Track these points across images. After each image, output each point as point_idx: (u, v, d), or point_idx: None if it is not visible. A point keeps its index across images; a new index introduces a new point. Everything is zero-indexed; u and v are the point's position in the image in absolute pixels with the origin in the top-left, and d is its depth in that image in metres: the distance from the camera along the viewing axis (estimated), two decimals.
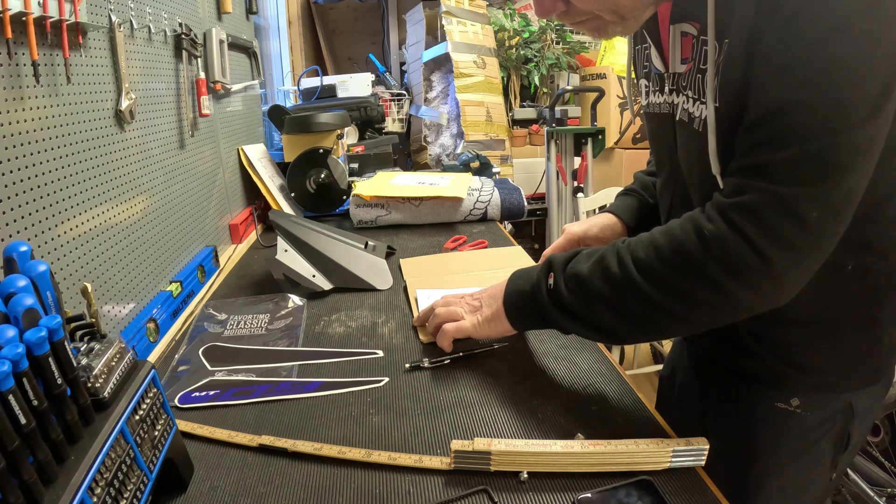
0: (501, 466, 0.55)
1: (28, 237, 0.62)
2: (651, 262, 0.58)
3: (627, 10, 0.57)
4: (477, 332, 0.75)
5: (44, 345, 0.38)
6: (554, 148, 2.52)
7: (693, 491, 0.53)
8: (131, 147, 0.87)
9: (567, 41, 2.99)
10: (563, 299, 0.64)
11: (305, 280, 1.01)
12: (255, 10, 1.65)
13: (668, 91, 0.67)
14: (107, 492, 0.41)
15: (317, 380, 0.73)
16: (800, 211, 0.50)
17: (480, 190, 1.51)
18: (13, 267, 0.43)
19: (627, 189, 0.96)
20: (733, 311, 0.57)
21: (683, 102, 0.64)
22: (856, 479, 1.49)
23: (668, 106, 0.68)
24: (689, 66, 0.62)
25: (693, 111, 0.62)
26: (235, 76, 1.42)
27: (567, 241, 0.94)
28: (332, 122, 1.56)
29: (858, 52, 0.47)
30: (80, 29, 0.72)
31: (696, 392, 0.80)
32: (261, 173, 1.49)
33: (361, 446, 0.59)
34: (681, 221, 0.58)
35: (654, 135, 0.75)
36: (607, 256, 0.61)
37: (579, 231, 0.93)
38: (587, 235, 0.93)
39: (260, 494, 0.54)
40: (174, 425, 0.54)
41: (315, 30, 2.89)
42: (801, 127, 0.49)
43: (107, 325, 0.78)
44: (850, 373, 0.67)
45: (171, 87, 1.04)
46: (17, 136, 0.61)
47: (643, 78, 0.74)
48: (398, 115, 2.44)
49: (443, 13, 2.47)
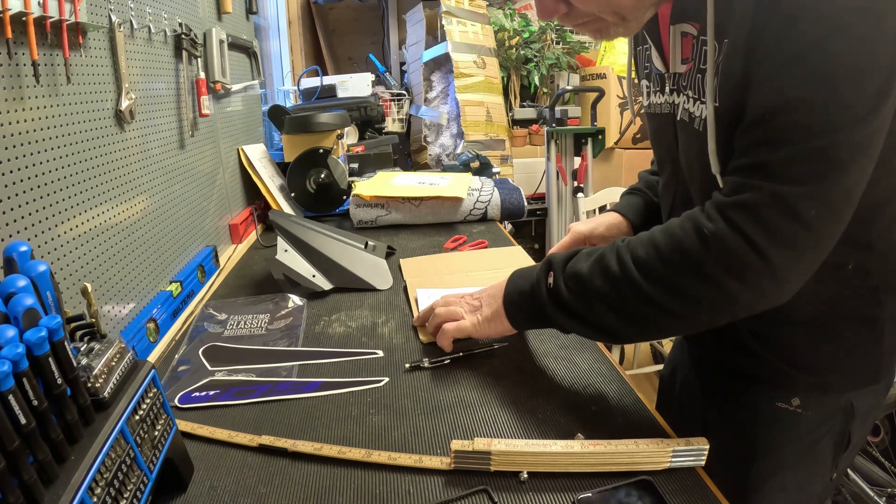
0: (501, 466, 0.55)
1: (28, 237, 0.62)
2: (650, 261, 0.58)
3: (628, 11, 0.57)
4: (477, 332, 0.75)
5: (44, 345, 0.38)
6: (554, 148, 2.52)
7: (693, 491, 0.53)
8: (131, 147, 0.87)
9: (567, 41, 2.99)
10: (562, 298, 0.64)
11: (305, 280, 1.01)
12: (255, 10, 1.65)
13: (669, 91, 0.67)
14: (107, 492, 0.41)
15: (317, 380, 0.73)
16: (798, 209, 0.50)
17: (480, 190, 1.51)
18: (13, 267, 0.43)
19: (633, 188, 0.96)
20: (732, 309, 0.57)
21: (684, 102, 0.64)
22: (856, 479, 1.49)
23: (668, 106, 0.68)
24: (689, 66, 0.62)
25: (693, 111, 0.62)
26: (235, 76, 1.42)
27: (573, 240, 0.93)
28: (332, 122, 1.56)
29: (857, 51, 0.47)
30: (80, 29, 0.72)
31: (697, 392, 0.80)
32: (261, 173, 1.49)
33: (361, 446, 0.59)
34: (680, 220, 0.59)
35: (655, 135, 0.75)
36: (607, 255, 0.61)
37: (585, 230, 0.93)
38: (593, 234, 0.93)
39: (260, 494, 0.54)
40: (174, 425, 0.54)
41: (315, 30, 2.89)
42: (800, 125, 0.49)
43: (107, 325, 0.78)
44: (851, 373, 0.67)
45: (171, 87, 1.04)
46: (17, 136, 0.61)
47: (644, 79, 0.74)
48: (398, 115, 2.44)
49: (443, 13, 2.47)
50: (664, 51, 0.65)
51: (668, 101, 0.68)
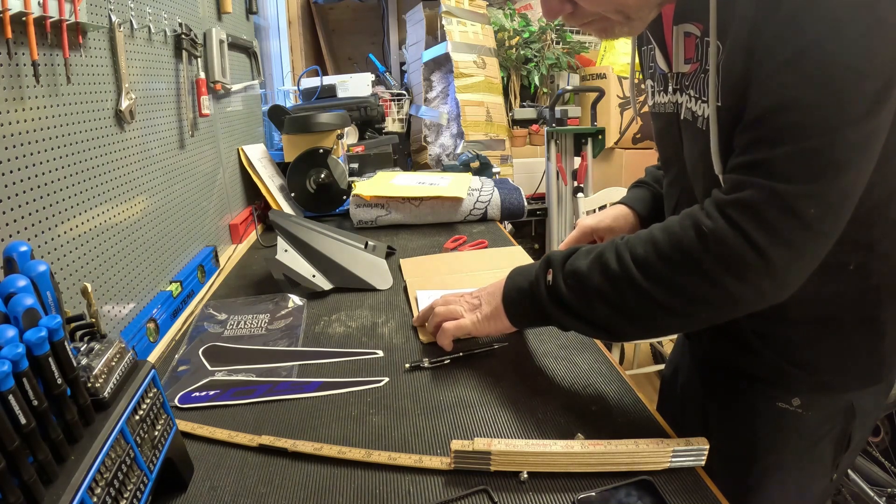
0: (501, 466, 0.55)
1: (28, 237, 0.62)
2: (650, 259, 0.58)
3: (633, 11, 0.57)
4: (477, 330, 0.75)
5: (44, 345, 0.38)
6: (554, 148, 2.52)
7: (693, 491, 0.53)
8: (131, 147, 0.87)
9: (567, 41, 2.99)
10: (561, 296, 0.64)
11: (305, 280, 1.01)
12: (255, 10, 1.65)
13: (672, 91, 0.67)
14: (107, 492, 0.41)
15: (317, 380, 0.73)
16: (797, 208, 0.50)
17: (480, 190, 1.51)
18: (13, 267, 0.43)
19: (639, 181, 0.96)
20: (731, 307, 0.57)
21: (687, 102, 0.64)
22: (856, 479, 1.49)
23: (672, 106, 0.68)
24: (693, 66, 0.62)
25: (696, 110, 0.62)
26: (235, 76, 1.42)
27: (581, 234, 0.94)
28: (332, 122, 1.56)
29: (858, 51, 0.47)
30: (80, 29, 0.72)
31: (699, 391, 0.80)
32: (261, 173, 1.49)
33: (361, 446, 0.59)
34: (679, 218, 0.59)
35: (660, 134, 0.75)
36: (606, 253, 0.61)
37: (592, 223, 0.93)
38: (599, 226, 0.93)
39: (260, 494, 0.54)
40: (174, 425, 0.54)
41: (315, 30, 2.89)
42: (799, 124, 0.49)
43: (107, 325, 0.78)
44: (852, 373, 0.67)
45: (171, 87, 1.04)
46: (17, 136, 0.61)
47: (649, 78, 0.74)
48: (398, 115, 2.44)
49: (443, 13, 2.47)
50: (668, 51, 0.66)
51: (671, 101, 0.68)
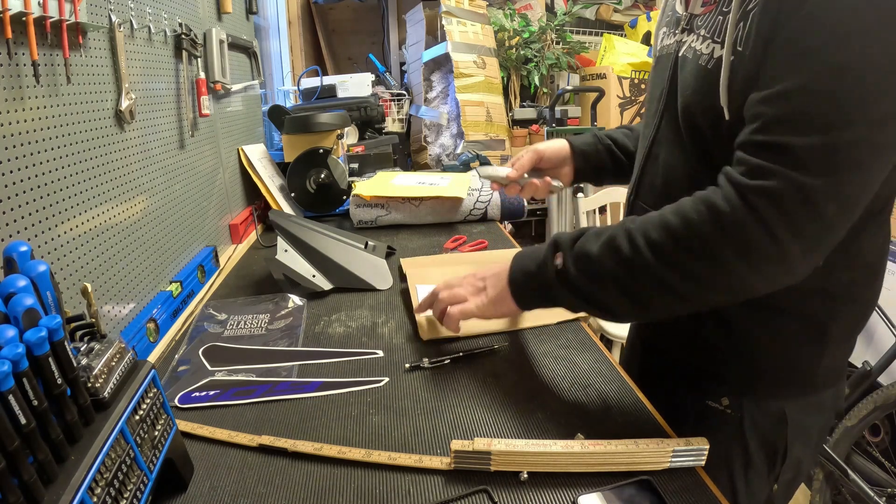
0: (501, 466, 0.55)
1: (28, 237, 0.62)
2: (665, 244, 0.57)
3: None
4: (482, 314, 0.73)
5: (44, 345, 0.38)
6: None
7: (693, 491, 0.53)
8: (131, 147, 0.87)
9: (567, 41, 2.99)
10: (571, 279, 0.63)
11: (305, 280, 1.01)
12: (255, 10, 1.65)
13: (681, 31, 0.68)
14: (107, 492, 0.41)
15: (317, 380, 0.73)
16: (819, 203, 0.51)
17: (480, 190, 1.51)
18: (13, 267, 0.43)
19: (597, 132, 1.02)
20: (739, 292, 0.57)
21: (693, 41, 0.65)
22: (856, 479, 1.49)
23: (675, 45, 0.69)
24: (709, 7, 0.63)
25: (701, 49, 0.63)
26: (235, 76, 1.42)
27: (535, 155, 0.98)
28: (332, 122, 1.56)
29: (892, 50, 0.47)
30: (80, 29, 0.72)
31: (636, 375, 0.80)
32: (261, 173, 1.49)
33: (361, 446, 0.59)
34: (692, 201, 0.58)
35: (654, 74, 0.76)
36: (618, 237, 0.60)
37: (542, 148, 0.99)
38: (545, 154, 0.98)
39: (260, 494, 0.54)
40: (174, 425, 0.54)
41: (315, 30, 2.89)
42: (829, 116, 0.49)
43: (107, 325, 0.77)
44: (786, 379, 0.67)
45: (171, 87, 1.04)
46: (17, 136, 0.61)
47: (664, 26, 0.75)
48: (398, 115, 2.44)
49: (443, 13, 2.47)
50: None
51: (676, 41, 0.69)
